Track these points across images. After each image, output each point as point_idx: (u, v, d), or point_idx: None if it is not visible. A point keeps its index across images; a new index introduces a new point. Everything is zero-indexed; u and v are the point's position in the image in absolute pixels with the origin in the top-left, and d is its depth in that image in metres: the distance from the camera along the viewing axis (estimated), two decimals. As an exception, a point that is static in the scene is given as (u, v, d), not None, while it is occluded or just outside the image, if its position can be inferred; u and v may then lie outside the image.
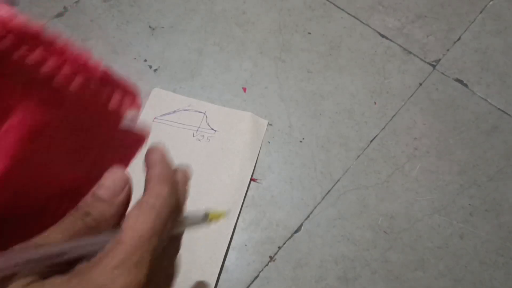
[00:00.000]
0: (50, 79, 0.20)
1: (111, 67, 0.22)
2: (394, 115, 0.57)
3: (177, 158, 0.53)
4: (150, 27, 0.63)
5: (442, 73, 0.61)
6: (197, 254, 0.47)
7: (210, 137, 0.54)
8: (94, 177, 0.22)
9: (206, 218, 0.25)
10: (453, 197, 0.52)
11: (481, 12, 0.66)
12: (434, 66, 0.61)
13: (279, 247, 0.49)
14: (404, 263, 0.48)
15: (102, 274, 0.18)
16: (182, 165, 0.25)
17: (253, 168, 0.52)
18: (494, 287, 0.47)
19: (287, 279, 0.47)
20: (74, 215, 0.21)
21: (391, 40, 0.63)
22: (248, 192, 0.51)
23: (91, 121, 0.22)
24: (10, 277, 0.18)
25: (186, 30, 0.63)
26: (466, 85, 0.60)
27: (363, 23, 0.65)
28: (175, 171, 0.24)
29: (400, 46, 0.63)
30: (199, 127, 0.55)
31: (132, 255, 0.19)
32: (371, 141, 0.55)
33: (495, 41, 0.63)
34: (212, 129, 0.55)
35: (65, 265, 0.19)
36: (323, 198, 0.51)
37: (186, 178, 0.25)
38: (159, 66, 0.60)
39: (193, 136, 0.54)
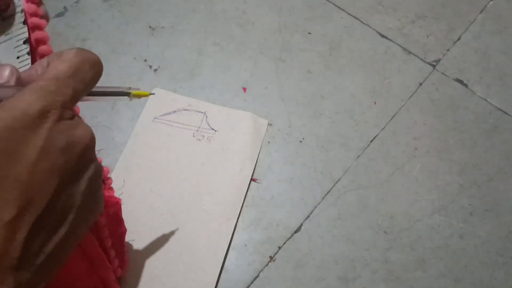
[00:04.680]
0: None
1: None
2: (394, 115, 0.57)
3: (177, 158, 0.53)
4: (150, 27, 0.63)
5: (442, 73, 0.61)
6: (197, 254, 0.47)
7: (210, 137, 0.54)
8: None
9: (128, 93, 0.27)
10: (453, 197, 0.52)
11: (481, 12, 0.66)
12: (434, 66, 0.61)
13: (279, 247, 0.49)
14: (404, 263, 0.48)
15: (20, 100, 0.19)
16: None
17: (253, 168, 0.52)
18: (494, 287, 0.47)
19: (287, 279, 0.47)
20: None
21: (391, 40, 0.63)
22: (248, 192, 0.51)
23: None
24: None
25: (186, 30, 0.63)
26: (466, 85, 0.60)
27: (363, 23, 0.65)
28: None
29: (400, 46, 0.63)
30: (199, 127, 0.55)
31: (49, 86, 0.20)
32: (371, 141, 0.55)
33: (495, 41, 0.63)
34: (212, 129, 0.55)
35: None
36: (323, 198, 0.51)
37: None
38: (159, 66, 0.60)
39: (193, 136, 0.54)
